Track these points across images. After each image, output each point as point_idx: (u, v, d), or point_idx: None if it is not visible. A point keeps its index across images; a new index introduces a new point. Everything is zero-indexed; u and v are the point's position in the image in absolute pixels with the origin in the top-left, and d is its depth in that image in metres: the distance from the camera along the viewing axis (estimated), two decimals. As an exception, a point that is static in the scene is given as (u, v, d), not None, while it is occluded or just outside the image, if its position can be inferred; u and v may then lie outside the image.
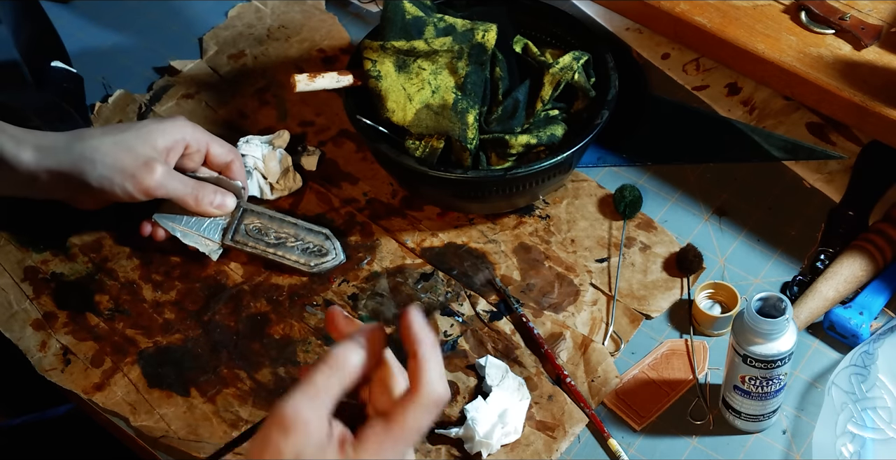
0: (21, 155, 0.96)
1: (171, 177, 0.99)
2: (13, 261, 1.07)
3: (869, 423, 0.90)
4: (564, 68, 1.05)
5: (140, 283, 1.05)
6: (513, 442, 0.93)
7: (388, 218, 1.09)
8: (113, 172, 0.97)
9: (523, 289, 1.03)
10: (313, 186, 1.12)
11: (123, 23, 1.30)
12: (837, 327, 0.97)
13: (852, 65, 1.01)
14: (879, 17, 1.04)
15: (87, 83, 1.19)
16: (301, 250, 1.04)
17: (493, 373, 0.96)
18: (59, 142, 0.97)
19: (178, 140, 1.01)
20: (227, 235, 1.04)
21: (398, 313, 0.68)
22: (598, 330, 1.00)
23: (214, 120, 1.18)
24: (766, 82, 1.05)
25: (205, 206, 1.03)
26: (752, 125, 1.13)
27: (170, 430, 0.95)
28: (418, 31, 1.04)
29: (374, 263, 1.05)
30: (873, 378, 0.91)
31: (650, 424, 0.94)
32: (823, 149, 1.11)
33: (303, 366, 0.77)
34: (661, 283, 1.03)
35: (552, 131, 1.03)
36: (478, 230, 1.07)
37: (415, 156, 1.01)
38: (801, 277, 1.02)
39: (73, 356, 1.00)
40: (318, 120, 1.17)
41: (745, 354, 0.86)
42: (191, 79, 1.22)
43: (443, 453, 0.93)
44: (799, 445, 0.93)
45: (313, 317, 1.02)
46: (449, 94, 1.02)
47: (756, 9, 1.06)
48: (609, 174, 1.11)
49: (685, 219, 1.07)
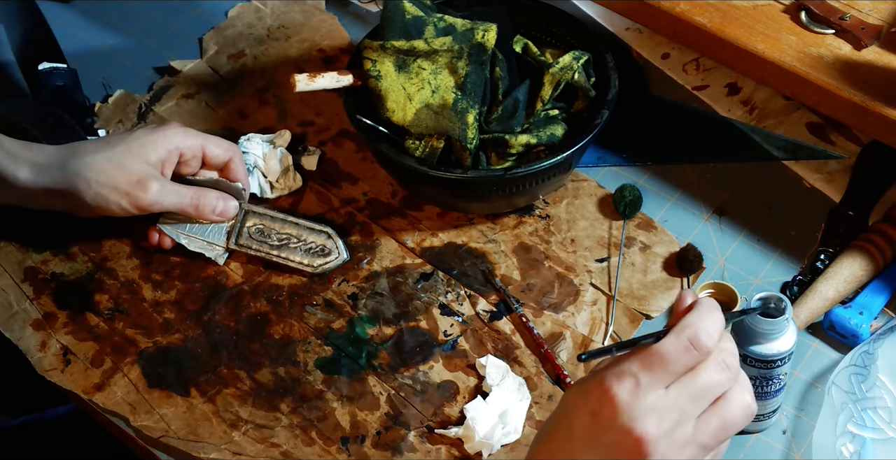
0: (17, 172, 0.97)
1: (166, 191, 0.99)
2: (13, 262, 1.07)
3: (869, 423, 0.90)
4: (564, 68, 1.05)
5: (140, 283, 1.05)
6: (513, 442, 0.93)
7: (388, 218, 1.09)
8: (108, 191, 0.97)
9: (523, 289, 1.03)
10: (313, 186, 1.12)
11: (123, 23, 1.30)
12: (837, 327, 0.97)
13: (852, 65, 1.01)
14: (879, 17, 1.04)
15: (87, 83, 1.19)
16: (304, 251, 1.04)
17: (493, 373, 0.96)
18: (54, 160, 0.98)
19: (171, 150, 1.00)
20: (231, 238, 1.04)
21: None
22: (598, 330, 1.00)
23: (214, 120, 1.18)
24: (765, 82, 1.05)
25: (206, 215, 1.03)
26: (752, 125, 1.13)
27: (170, 430, 0.95)
28: (418, 31, 1.04)
29: (374, 263, 1.05)
30: (873, 378, 0.91)
31: (650, 424, 0.94)
32: (823, 149, 1.11)
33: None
34: (661, 283, 1.03)
35: (552, 131, 1.03)
36: (478, 230, 1.07)
37: (415, 156, 1.01)
38: (801, 277, 1.02)
39: (73, 356, 1.00)
40: (318, 120, 1.17)
41: (745, 354, 0.85)
42: (191, 79, 1.22)
43: (443, 453, 0.93)
44: (799, 445, 0.93)
45: (313, 317, 1.02)
46: (449, 93, 1.02)
47: (756, 9, 1.06)
48: (609, 174, 1.11)
49: (685, 219, 1.08)
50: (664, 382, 0.63)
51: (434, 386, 0.97)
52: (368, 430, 0.95)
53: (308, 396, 0.97)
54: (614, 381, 0.63)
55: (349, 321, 1.01)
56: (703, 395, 0.63)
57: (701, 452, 0.63)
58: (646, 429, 0.61)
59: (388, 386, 0.97)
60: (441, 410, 0.95)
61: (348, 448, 0.94)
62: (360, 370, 0.98)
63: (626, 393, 0.62)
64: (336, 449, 0.94)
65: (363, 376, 0.98)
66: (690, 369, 0.64)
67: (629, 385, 0.63)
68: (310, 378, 0.98)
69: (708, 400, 0.64)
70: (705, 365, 0.64)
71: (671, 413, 0.62)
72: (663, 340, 0.64)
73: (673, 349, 0.63)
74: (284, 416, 0.96)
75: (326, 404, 0.96)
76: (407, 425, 0.95)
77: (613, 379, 0.63)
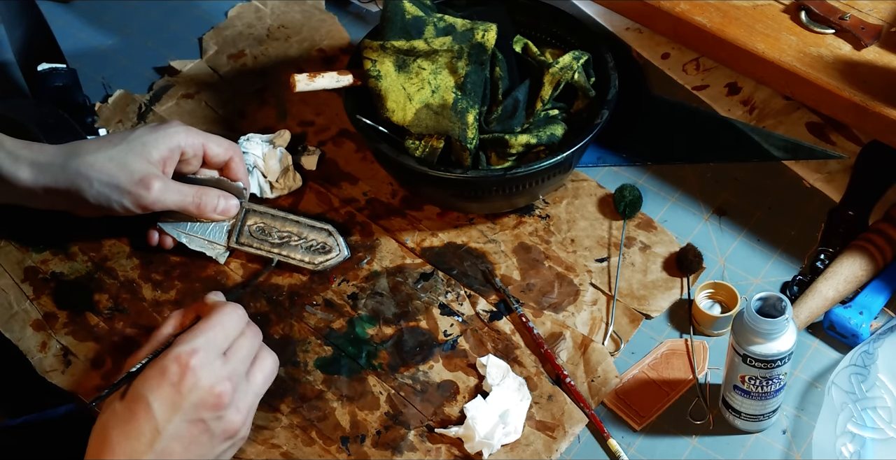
0: (18, 172, 0.97)
1: (168, 190, 0.99)
2: (13, 262, 1.07)
3: (869, 423, 0.90)
4: (564, 68, 1.05)
5: (140, 282, 1.05)
6: (513, 442, 0.93)
7: (387, 218, 1.09)
8: (109, 190, 0.97)
9: (523, 289, 1.03)
10: (313, 186, 1.12)
11: (123, 23, 1.30)
12: (837, 327, 0.97)
13: (852, 65, 1.01)
14: (879, 16, 1.04)
15: (87, 83, 1.19)
16: (305, 248, 1.04)
17: (494, 373, 0.96)
18: (55, 159, 0.97)
19: (172, 149, 1.00)
20: (233, 237, 1.04)
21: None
22: (597, 329, 1.00)
23: (214, 120, 1.18)
24: (765, 82, 1.05)
25: (208, 213, 1.02)
26: (752, 125, 1.13)
27: (170, 430, 0.95)
28: (418, 31, 1.04)
29: (373, 263, 1.05)
30: (873, 378, 0.91)
31: (650, 424, 0.94)
32: (823, 149, 1.11)
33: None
34: (661, 283, 1.03)
35: (552, 131, 1.03)
36: (478, 230, 1.07)
37: (415, 156, 1.01)
38: (801, 277, 1.02)
39: (74, 357, 1.00)
40: (318, 120, 1.17)
41: (744, 354, 0.86)
42: (191, 79, 1.22)
43: (443, 452, 0.93)
44: (799, 445, 0.93)
45: (313, 317, 1.02)
46: (449, 93, 1.02)
47: (756, 9, 1.06)
48: (609, 174, 1.11)
49: (685, 219, 1.08)
50: (220, 352, 0.84)
51: (434, 385, 0.97)
52: (368, 430, 0.95)
53: (308, 396, 0.97)
54: (189, 358, 0.81)
55: (349, 321, 1.01)
56: (246, 358, 0.86)
57: (256, 398, 0.86)
58: (222, 387, 0.82)
59: (388, 386, 0.97)
60: (441, 410, 0.95)
61: (348, 447, 0.94)
62: (360, 370, 0.98)
63: (199, 363, 0.81)
64: (336, 448, 0.94)
65: (363, 376, 0.98)
66: (232, 343, 0.85)
67: (198, 358, 0.82)
68: (310, 378, 0.98)
69: (250, 361, 0.86)
70: (240, 339, 0.86)
71: (233, 373, 0.84)
72: (208, 333, 0.84)
73: (212, 335, 0.84)
74: (284, 416, 0.96)
75: (326, 404, 0.96)
76: (407, 425, 0.95)
77: (185, 356, 0.81)
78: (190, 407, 0.81)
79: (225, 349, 0.85)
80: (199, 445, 0.82)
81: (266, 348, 0.89)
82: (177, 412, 0.81)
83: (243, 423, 0.85)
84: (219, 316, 0.86)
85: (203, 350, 0.83)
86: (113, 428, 0.81)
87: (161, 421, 0.80)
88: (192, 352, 0.82)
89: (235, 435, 0.84)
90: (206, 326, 0.85)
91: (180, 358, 0.82)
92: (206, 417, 0.82)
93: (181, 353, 0.82)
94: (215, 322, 0.85)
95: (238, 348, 0.85)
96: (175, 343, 0.84)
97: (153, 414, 0.80)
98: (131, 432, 0.80)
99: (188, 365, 0.81)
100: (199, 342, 0.83)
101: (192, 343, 0.83)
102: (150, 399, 0.81)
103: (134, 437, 0.80)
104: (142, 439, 0.80)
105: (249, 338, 0.87)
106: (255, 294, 1.04)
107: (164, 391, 0.81)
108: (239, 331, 0.86)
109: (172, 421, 0.81)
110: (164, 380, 0.81)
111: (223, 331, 0.85)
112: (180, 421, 0.81)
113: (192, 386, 0.81)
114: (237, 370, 0.84)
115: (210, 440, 0.83)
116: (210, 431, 0.82)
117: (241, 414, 0.84)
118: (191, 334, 0.84)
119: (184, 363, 0.81)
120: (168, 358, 0.82)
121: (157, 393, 0.81)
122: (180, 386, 0.81)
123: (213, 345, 0.84)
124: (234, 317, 0.87)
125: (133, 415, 0.81)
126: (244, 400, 0.85)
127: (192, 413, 0.81)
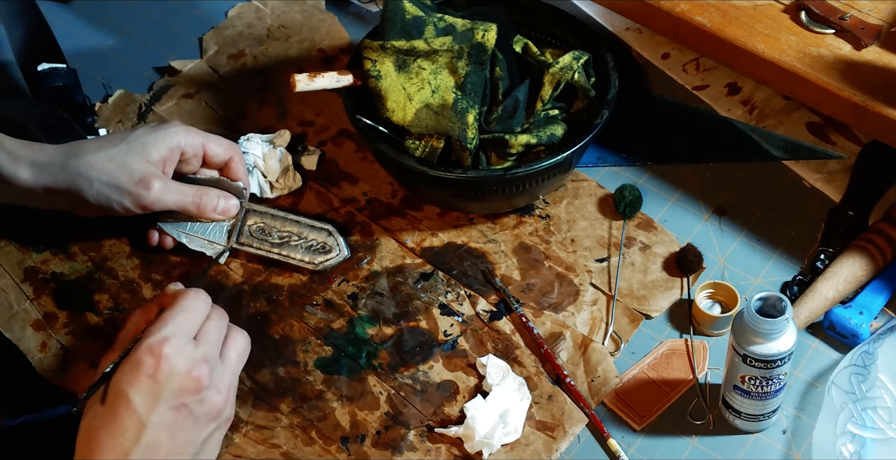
0: (18, 172, 0.97)
1: (168, 190, 0.99)
2: (13, 262, 1.07)
3: (869, 423, 0.90)
4: (564, 68, 1.05)
5: (140, 282, 1.05)
6: (513, 442, 0.93)
7: (387, 218, 1.09)
8: (109, 190, 0.97)
9: (523, 289, 1.03)
10: (313, 186, 1.12)
11: (123, 23, 1.30)
12: (837, 327, 0.97)
13: (852, 65, 1.01)
14: (879, 16, 1.04)
15: (87, 83, 1.19)
16: (305, 248, 1.04)
17: (494, 373, 0.96)
18: (55, 159, 0.97)
19: (172, 148, 1.00)
20: (233, 237, 1.04)
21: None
22: (598, 329, 1.00)
23: (214, 120, 1.18)
24: (765, 82, 1.05)
25: (208, 213, 1.03)
26: (752, 125, 1.13)
27: (170, 430, 0.95)
28: (418, 31, 1.04)
29: (373, 263, 1.05)
30: (873, 378, 0.91)
31: (650, 424, 0.94)
32: (823, 149, 1.11)
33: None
34: (661, 283, 1.03)
35: (552, 131, 1.03)
36: (478, 230, 1.07)
37: (415, 156, 1.01)
38: (801, 277, 1.02)
39: (74, 357, 1.00)
40: (318, 120, 1.17)
41: (744, 354, 0.86)
42: (191, 79, 1.22)
43: (443, 452, 0.93)
44: (799, 445, 0.93)
45: (313, 317, 1.02)
46: (449, 93, 1.02)
47: (756, 9, 1.06)
48: (609, 174, 1.11)
49: (685, 219, 1.08)
50: (191, 337, 0.84)
51: (434, 385, 0.97)
52: (368, 430, 0.95)
53: (308, 396, 0.97)
54: (161, 347, 0.82)
55: (349, 321, 1.01)
56: (217, 339, 0.86)
57: (234, 376, 0.86)
58: (199, 370, 0.82)
59: (387, 386, 0.97)
60: (441, 410, 0.95)
61: (348, 447, 0.94)
62: (360, 370, 0.98)
63: (171, 351, 0.82)
64: (336, 448, 0.94)
65: (363, 376, 0.98)
66: (201, 327, 0.86)
67: (170, 346, 0.82)
68: (310, 378, 0.98)
69: (221, 341, 0.87)
70: (207, 322, 0.86)
71: (207, 355, 0.84)
72: (173, 325, 0.84)
73: (180, 322, 0.85)
74: (284, 416, 0.96)
75: (326, 404, 0.96)
76: (407, 424, 0.95)
77: (156, 346, 0.82)
78: (170, 395, 0.81)
79: (195, 333, 0.85)
80: (185, 431, 0.82)
81: (235, 327, 0.89)
82: (158, 402, 0.81)
83: (226, 402, 0.85)
84: (183, 302, 0.86)
85: (174, 337, 0.83)
86: (98, 428, 0.81)
87: (144, 414, 0.81)
88: (162, 341, 0.82)
89: (220, 416, 0.85)
90: (172, 314, 0.85)
91: (152, 349, 0.82)
92: (188, 402, 0.82)
93: (152, 344, 0.82)
94: (180, 308, 0.85)
95: (207, 331, 0.86)
96: (144, 335, 0.83)
97: (134, 408, 0.81)
98: (116, 430, 0.81)
99: (161, 354, 0.81)
100: (168, 330, 0.83)
101: (162, 332, 0.83)
102: (130, 394, 0.81)
103: (119, 434, 0.80)
104: (127, 434, 0.80)
105: (216, 319, 0.87)
106: (255, 294, 1.04)
107: (142, 384, 0.81)
108: (205, 315, 0.87)
109: (155, 411, 0.81)
110: (140, 373, 0.81)
111: (189, 317, 0.85)
112: (163, 409, 0.81)
113: (169, 373, 0.81)
114: (210, 352, 0.85)
115: (195, 424, 0.83)
116: (194, 415, 0.83)
117: (222, 394, 0.84)
118: (159, 324, 0.84)
119: (157, 353, 0.81)
120: (140, 350, 0.82)
121: (135, 388, 0.81)
122: (157, 376, 0.81)
123: (183, 330, 0.84)
124: (198, 301, 0.87)
125: (115, 414, 0.81)
126: (223, 380, 0.85)
127: (174, 400, 0.81)
